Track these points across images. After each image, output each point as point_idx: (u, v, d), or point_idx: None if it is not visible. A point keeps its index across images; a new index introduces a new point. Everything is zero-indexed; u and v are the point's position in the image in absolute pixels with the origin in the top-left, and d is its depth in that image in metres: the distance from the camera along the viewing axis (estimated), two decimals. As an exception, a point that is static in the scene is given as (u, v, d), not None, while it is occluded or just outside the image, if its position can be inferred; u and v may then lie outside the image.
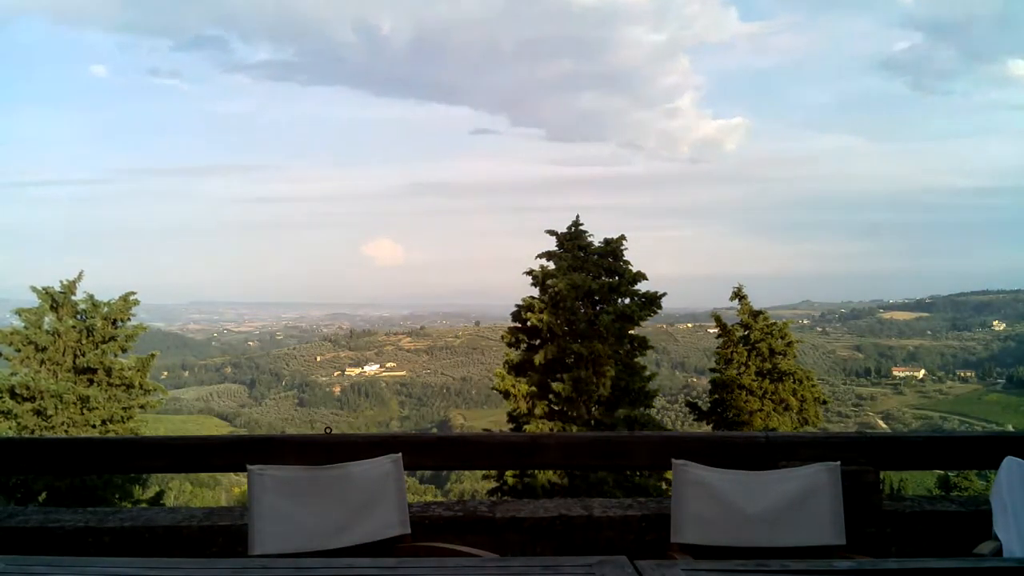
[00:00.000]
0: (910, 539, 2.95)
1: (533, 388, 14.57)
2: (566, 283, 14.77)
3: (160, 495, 14.39)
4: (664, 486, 13.04)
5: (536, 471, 12.84)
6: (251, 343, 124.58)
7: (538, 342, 15.30)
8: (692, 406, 17.16)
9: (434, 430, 62.42)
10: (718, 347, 16.66)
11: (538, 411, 14.41)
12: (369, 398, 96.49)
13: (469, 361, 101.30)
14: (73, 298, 14.28)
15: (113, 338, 14.12)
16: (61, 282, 14.29)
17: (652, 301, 15.62)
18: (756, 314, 16.03)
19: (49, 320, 13.99)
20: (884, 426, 68.74)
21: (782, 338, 15.83)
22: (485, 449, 3.35)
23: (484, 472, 14.17)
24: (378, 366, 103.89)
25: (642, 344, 15.53)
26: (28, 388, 12.91)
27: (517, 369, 15.18)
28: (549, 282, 15.01)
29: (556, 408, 14.39)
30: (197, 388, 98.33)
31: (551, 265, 15.66)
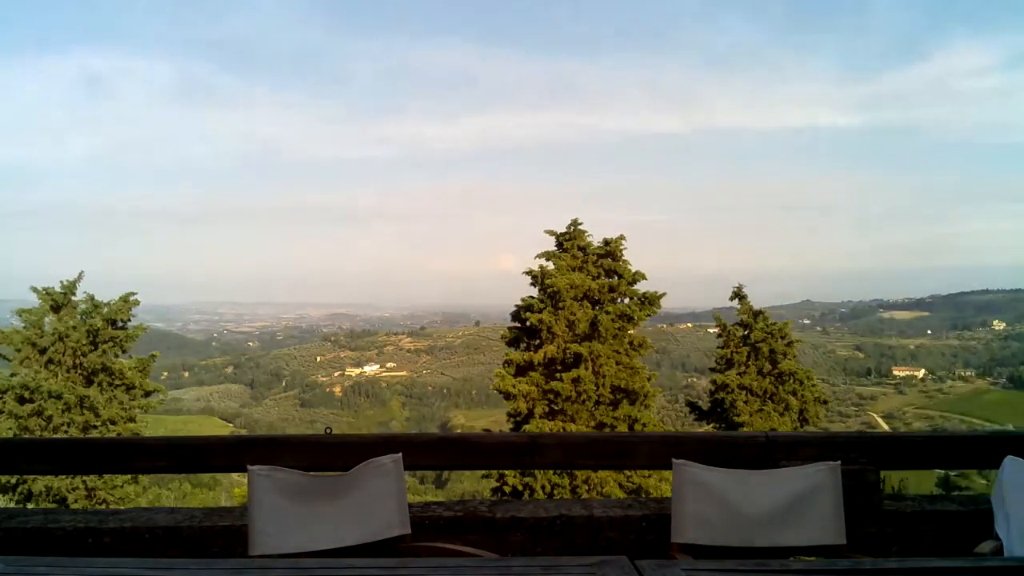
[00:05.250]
0: (911, 539, 2.95)
1: (533, 388, 14.57)
2: (565, 283, 14.78)
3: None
4: (664, 486, 13.04)
5: (536, 471, 12.85)
6: (251, 343, 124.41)
7: (538, 342, 15.31)
8: (692, 406, 17.15)
9: (434, 430, 62.35)
10: (718, 347, 16.65)
11: (538, 411, 14.42)
12: (370, 398, 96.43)
13: (469, 361, 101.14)
14: (73, 299, 14.29)
15: (114, 339, 14.12)
16: (61, 283, 14.29)
17: (652, 301, 15.62)
18: (756, 314, 16.02)
19: (50, 321, 13.99)
20: (885, 426, 68.69)
21: (782, 338, 15.82)
22: (485, 449, 3.35)
23: (484, 472, 14.18)
24: (378, 366, 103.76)
25: (641, 344, 15.53)
26: (29, 389, 12.90)
27: (517, 369, 15.19)
28: (548, 282, 15.02)
29: (556, 408, 14.40)
30: (197, 388, 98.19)
31: (550, 265, 15.67)
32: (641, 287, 15.72)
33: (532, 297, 15.51)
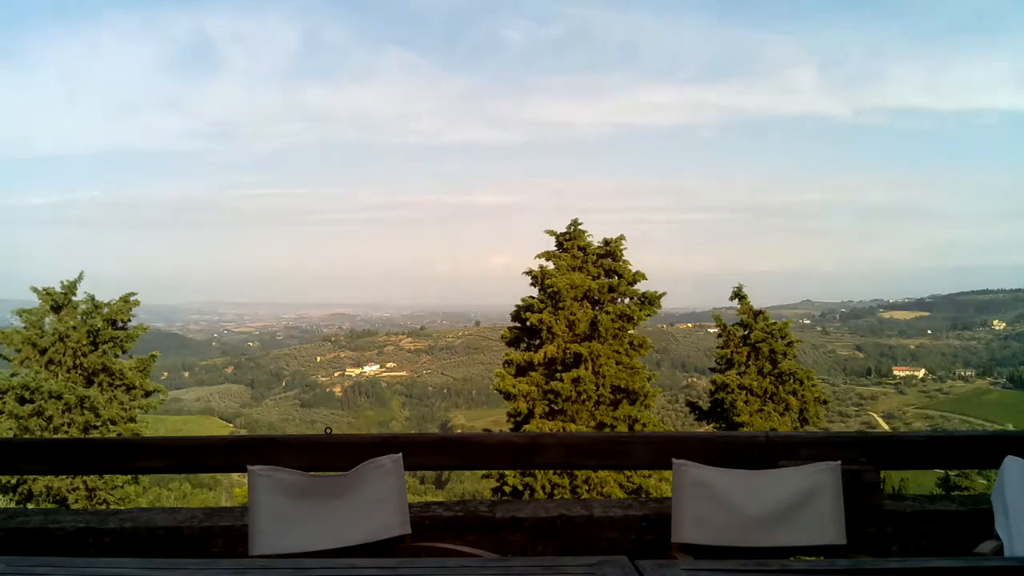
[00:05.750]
0: (911, 539, 2.95)
1: (533, 388, 14.58)
2: (565, 283, 14.78)
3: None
4: (664, 486, 13.04)
5: (536, 471, 12.85)
6: (251, 343, 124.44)
7: (538, 342, 15.31)
8: (692, 406, 17.15)
9: (434, 430, 62.34)
10: (718, 347, 16.65)
11: (538, 411, 14.42)
12: (370, 398, 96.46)
13: (469, 361, 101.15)
14: (74, 299, 14.29)
15: (114, 339, 14.12)
16: (62, 283, 14.29)
17: (652, 301, 15.63)
18: (756, 314, 16.02)
19: (50, 321, 13.99)
20: (885, 426, 68.69)
21: (782, 338, 15.82)
22: (485, 449, 3.35)
23: (484, 472, 14.18)
24: (378, 366, 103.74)
25: (641, 344, 15.53)
26: (29, 389, 12.91)
27: (517, 369, 15.19)
28: (548, 282, 15.03)
29: (556, 408, 14.40)
30: (198, 388, 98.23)
31: (551, 265, 15.67)
32: (641, 287, 15.74)
33: (532, 297, 15.51)
